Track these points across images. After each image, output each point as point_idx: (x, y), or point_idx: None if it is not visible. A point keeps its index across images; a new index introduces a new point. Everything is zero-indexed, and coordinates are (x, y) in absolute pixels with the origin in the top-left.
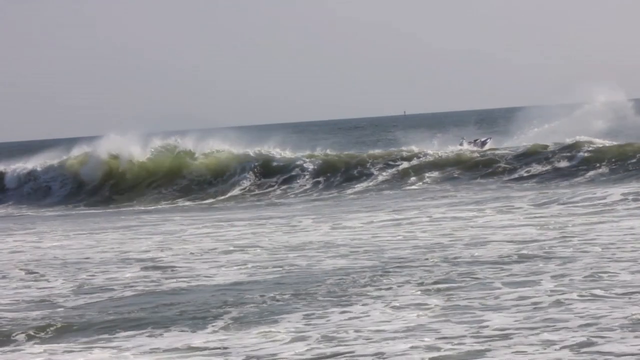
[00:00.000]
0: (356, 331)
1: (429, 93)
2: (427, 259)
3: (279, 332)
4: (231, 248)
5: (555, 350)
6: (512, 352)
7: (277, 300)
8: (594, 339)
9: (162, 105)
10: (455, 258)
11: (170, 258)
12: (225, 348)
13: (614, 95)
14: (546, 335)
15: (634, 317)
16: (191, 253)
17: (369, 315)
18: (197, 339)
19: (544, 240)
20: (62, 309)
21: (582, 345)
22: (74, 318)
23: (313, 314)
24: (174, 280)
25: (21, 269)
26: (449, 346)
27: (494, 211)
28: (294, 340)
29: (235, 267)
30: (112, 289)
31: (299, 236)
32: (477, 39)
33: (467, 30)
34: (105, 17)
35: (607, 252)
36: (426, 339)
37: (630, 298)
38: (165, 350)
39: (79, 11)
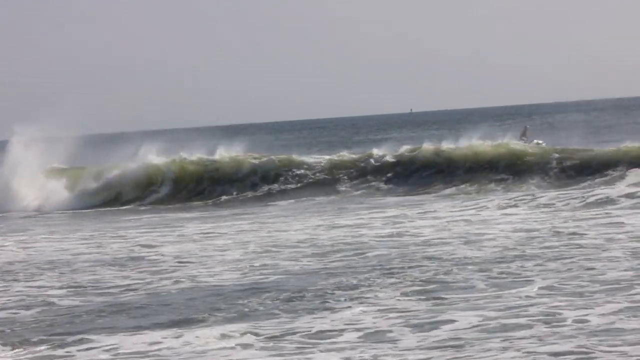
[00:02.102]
0: (305, 338)
1: (433, 91)
2: (409, 259)
3: (231, 335)
4: (211, 250)
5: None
6: None
7: (243, 304)
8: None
9: (162, 105)
10: (436, 258)
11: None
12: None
13: None
14: (500, 342)
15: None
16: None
17: (330, 321)
18: (148, 341)
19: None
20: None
21: (529, 346)
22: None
23: (273, 316)
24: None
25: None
26: (391, 353)
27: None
28: (235, 346)
29: (214, 269)
30: (87, 290)
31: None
32: (477, 38)
33: (467, 30)
34: (106, 17)
35: (597, 250)
36: (374, 346)
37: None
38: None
39: (79, 11)
